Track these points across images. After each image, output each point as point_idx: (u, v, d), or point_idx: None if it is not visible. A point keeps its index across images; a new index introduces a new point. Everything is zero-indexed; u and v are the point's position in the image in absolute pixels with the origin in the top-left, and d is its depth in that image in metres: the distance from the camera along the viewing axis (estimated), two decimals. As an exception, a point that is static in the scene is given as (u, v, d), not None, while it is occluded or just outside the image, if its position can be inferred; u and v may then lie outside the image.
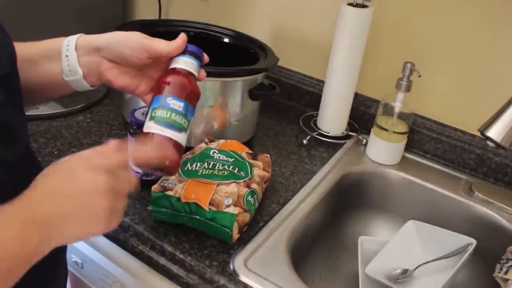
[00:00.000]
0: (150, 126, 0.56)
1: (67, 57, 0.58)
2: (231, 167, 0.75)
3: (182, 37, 0.58)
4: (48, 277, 0.62)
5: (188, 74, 0.59)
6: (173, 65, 0.59)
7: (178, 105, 0.57)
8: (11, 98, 0.50)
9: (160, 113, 0.56)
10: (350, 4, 0.92)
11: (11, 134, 0.51)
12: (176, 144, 0.57)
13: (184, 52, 0.59)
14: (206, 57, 0.61)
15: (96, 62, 0.59)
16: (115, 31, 0.59)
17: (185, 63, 0.59)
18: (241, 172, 0.75)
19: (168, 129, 0.56)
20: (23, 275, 0.45)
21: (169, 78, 0.58)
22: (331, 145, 1.01)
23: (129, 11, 1.38)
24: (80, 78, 0.59)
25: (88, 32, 0.62)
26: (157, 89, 0.59)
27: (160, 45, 0.57)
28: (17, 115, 0.52)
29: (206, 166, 0.75)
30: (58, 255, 0.65)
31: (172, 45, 0.58)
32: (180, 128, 0.57)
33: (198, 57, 0.60)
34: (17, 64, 0.54)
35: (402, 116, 0.94)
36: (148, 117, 0.57)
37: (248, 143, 0.94)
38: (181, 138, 0.57)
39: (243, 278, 0.65)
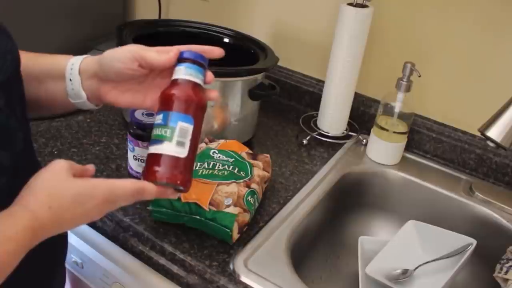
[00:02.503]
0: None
1: (71, 81, 0.57)
2: (231, 167, 0.75)
3: (174, 51, 0.55)
4: (47, 278, 0.62)
5: (183, 83, 0.55)
6: (173, 75, 0.56)
7: (158, 118, 0.54)
8: (10, 103, 0.50)
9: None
10: (350, 4, 0.92)
11: (8, 139, 0.50)
12: (161, 157, 0.53)
13: (182, 60, 0.55)
14: (213, 53, 0.57)
15: (95, 86, 0.57)
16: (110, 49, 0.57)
17: (188, 74, 0.55)
18: (241, 172, 0.75)
19: (153, 145, 0.53)
20: (23, 275, 0.45)
21: (167, 90, 0.55)
22: (331, 145, 1.01)
23: (129, 11, 1.38)
24: (84, 101, 0.58)
25: (87, 31, 0.61)
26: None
27: (151, 55, 0.54)
28: (16, 120, 0.51)
29: (206, 166, 0.75)
30: (59, 256, 0.65)
31: (163, 57, 0.54)
32: (161, 140, 0.53)
33: (199, 64, 0.56)
34: (25, 81, 0.54)
35: (402, 116, 0.94)
36: None
37: (248, 143, 0.94)
38: (167, 149, 0.53)
39: (243, 278, 0.65)
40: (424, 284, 0.81)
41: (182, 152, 0.54)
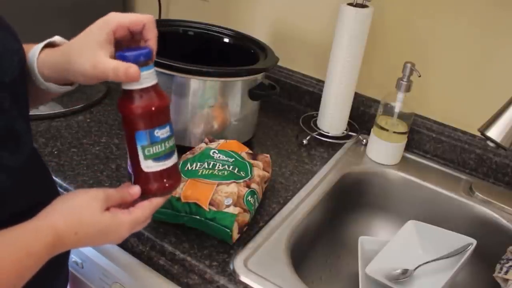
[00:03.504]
0: (150, 166, 0.54)
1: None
2: (231, 167, 0.75)
3: (135, 69, 0.50)
4: (50, 278, 0.62)
5: (152, 88, 0.52)
6: (132, 86, 0.51)
7: (166, 131, 0.54)
8: (16, 104, 0.50)
9: (155, 149, 0.53)
10: (350, 4, 0.92)
11: (15, 140, 0.51)
12: (176, 165, 0.57)
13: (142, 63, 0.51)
14: (153, 55, 0.54)
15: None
16: (71, 46, 0.54)
17: (146, 78, 0.51)
18: (241, 172, 0.75)
19: (168, 159, 0.55)
20: None
21: (140, 106, 0.51)
22: (331, 145, 1.01)
23: (129, 11, 1.38)
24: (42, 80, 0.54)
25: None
26: (131, 121, 0.52)
27: (108, 68, 0.50)
28: (21, 121, 0.52)
29: (206, 166, 0.75)
30: (62, 257, 0.65)
31: (121, 74, 0.50)
32: (175, 150, 0.56)
33: (149, 62, 0.52)
34: None
35: (402, 116, 0.94)
36: (141, 156, 0.53)
37: (248, 143, 0.94)
38: (176, 157, 0.57)
39: (243, 278, 0.65)
40: (424, 284, 0.81)
41: None
